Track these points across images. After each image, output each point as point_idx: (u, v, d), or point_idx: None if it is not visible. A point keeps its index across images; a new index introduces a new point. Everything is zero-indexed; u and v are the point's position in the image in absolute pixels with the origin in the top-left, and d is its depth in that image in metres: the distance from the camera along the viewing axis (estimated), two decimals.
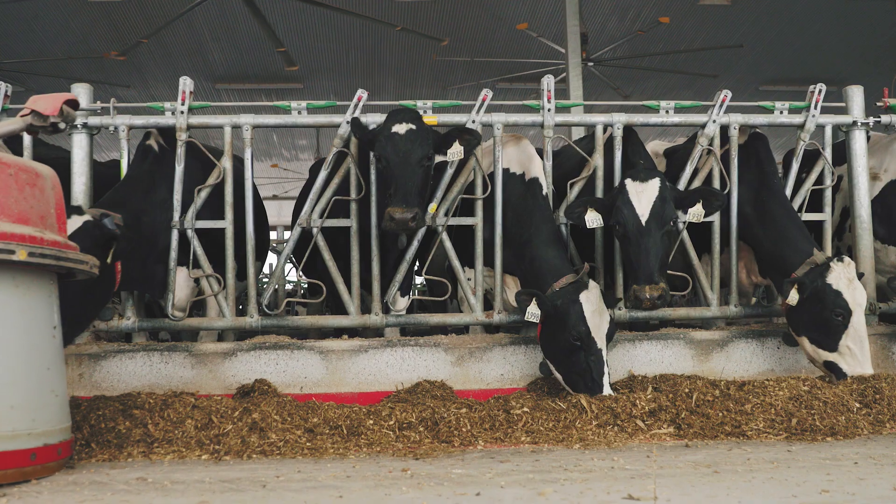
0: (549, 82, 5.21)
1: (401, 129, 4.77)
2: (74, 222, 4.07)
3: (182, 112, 5.04)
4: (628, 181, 4.63)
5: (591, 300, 4.48)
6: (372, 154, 5.01)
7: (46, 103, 3.76)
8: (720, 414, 4.11)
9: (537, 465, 3.41)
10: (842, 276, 4.60)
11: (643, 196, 4.54)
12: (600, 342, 4.44)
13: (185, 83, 5.07)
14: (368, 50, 13.15)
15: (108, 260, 4.17)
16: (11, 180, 3.26)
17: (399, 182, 4.65)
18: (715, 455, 3.60)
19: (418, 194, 4.69)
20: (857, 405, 4.26)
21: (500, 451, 3.80)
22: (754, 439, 3.95)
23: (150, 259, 4.98)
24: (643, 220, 4.51)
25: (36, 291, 3.32)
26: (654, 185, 4.56)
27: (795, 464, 3.38)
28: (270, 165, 18.42)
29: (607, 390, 4.37)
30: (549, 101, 5.21)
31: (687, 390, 4.33)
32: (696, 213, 4.67)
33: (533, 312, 4.56)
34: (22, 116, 3.79)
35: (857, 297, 4.58)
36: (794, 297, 4.62)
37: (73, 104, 3.82)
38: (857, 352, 4.56)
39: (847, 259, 4.68)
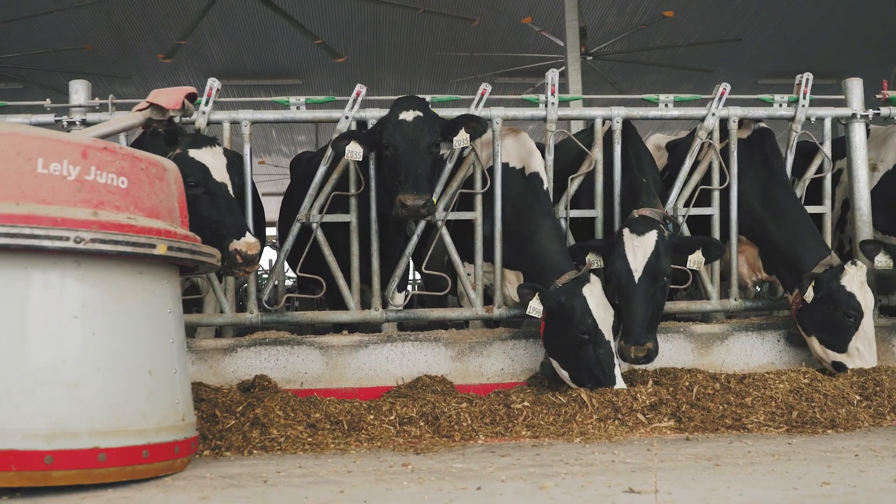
0: (553, 76, 5.20)
1: (408, 115, 4.78)
2: None
3: (204, 112, 5.03)
4: (626, 232, 4.56)
5: (594, 294, 4.47)
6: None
7: (169, 97, 3.74)
8: (721, 407, 4.12)
9: (538, 459, 3.41)
10: (855, 279, 4.66)
11: (639, 251, 4.49)
12: (608, 334, 4.43)
13: (214, 83, 5.07)
14: (367, 45, 13.13)
15: None
16: (143, 174, 3.25)
17: (409, 169, 4.65)
18: (716, 448, 3.60)
19: (428, 181, 4.70)
20: (858, 398, 4.27)
21: (501, 445, 3.80)
22: (755, 432, 3.96)
23: None
24: (636, 276, 4.47)
25: (177, 286, 3.41)
26: (651, 238, 4.49)
27: (796, 456, 3.38)
28: (258, 162, 18.41)
29: (620, 383, 4.35)
30: (552, 95, 5.19)
31: (687, 384, 4.33)
32: (695, 259, 4.63)
33: (535, 307, 4.53)
34: (140, 111, 3.76)
35: (867, 300, 4.66)
36: (810, 293, 4.66)
37: (192, 97, 3.82)
38: (865, 353, 4.62)
39: (860, 263, 4.74)
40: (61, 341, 2.99)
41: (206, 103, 5.04)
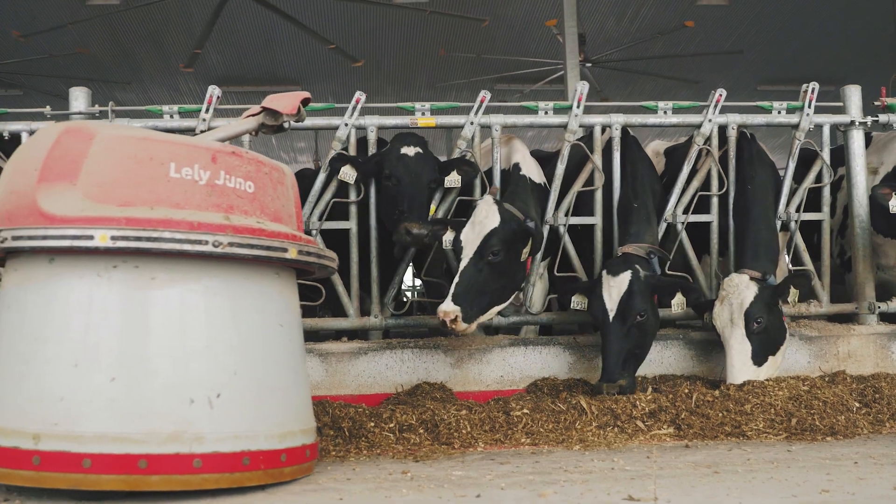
0: (582, 87, 5.21)
1: (410, 151, 4.92)
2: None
3: (204, 119, 5.04)
4: (604, 273, 4.63)
5: (477, 212, 4.54)
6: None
7: (285, 102, 3.73)
8: (720, 414, 4.11)
9: (537, 467, 3.41)
10: (720, 293, 4.67)
11: (613, 290, 4.54)
12: (465, 252, 4.46)
13: (214, 90, 5.09)
14: (366, 52, 13.15)
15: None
16: (267, 179, 3.26)
17: (412, 199, 4.77)
18: (715, 455, 3.60)
19: (428, 212, 4.82)
20: (857, 405, 4.26)
21: (501, 452, 3.80)
22: (754, 439, 3.96)
23: None
24: (610, 315, 4.52)
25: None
26: (625, 279, 4.54)
27: (795, 464, 3.38)
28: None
29: (444, 304, 4.32)
30: (578, 107, 5.20)
31: (686, 391, 4.33)
32: (678, 302, 4.68)
33: (448, 239, 4.66)
34: (253, 116, 3.75)
35: (725, 314, 4.60)
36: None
37: (306, 102, 3.82)
38: (728, 367, 4.57)
39: (734, 278, 4.64)
40: (274, 348, 3.16)
41: (207, 110, 5.05)
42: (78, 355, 2.84)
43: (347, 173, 4.94)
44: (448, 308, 4.32)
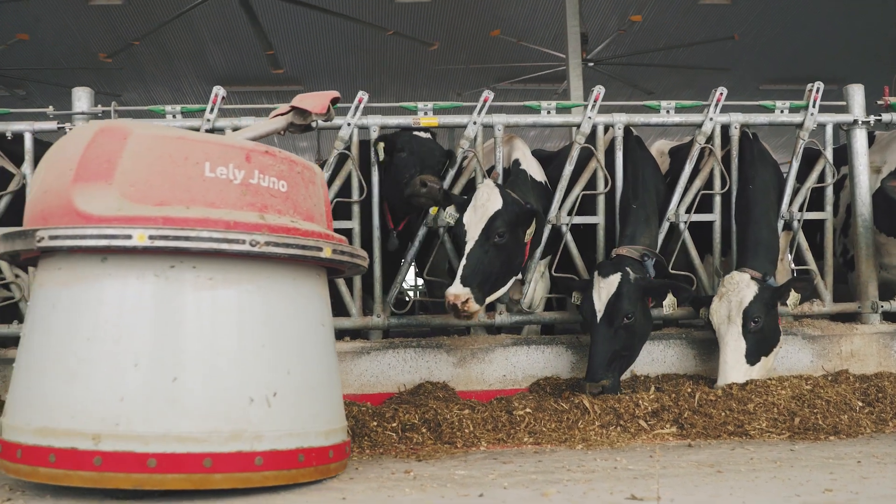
0: (599, 90, 5.23)
1: (420, 134, 5.11)
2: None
3: (209, 120, 5.05)
4: (595, 274, 4.68)
5: (478, 196, 4.56)
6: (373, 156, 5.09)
7: (315, 101, 3.73)
8: (723, 413, 4.11)
9: (540, 466, 3.42)
10: (720, 291, 4.67)
11: (603, 292, 4.58)
12: (469, 235, 4.47)
13: (219, 91, 5.11)
14: (369, 52, 13.16)
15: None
16: (299, 178, 3.25)
17: (424, 163, 4.89)
18: (718, 455, 3.60)
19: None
20: (860, 404, 4.26)
21: (503, 452, 3.81)
22: (757, 439, 3.96)
23: None
24: (598, 316, 4.56)
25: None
26: (614, 281, 4.56)
27: (798, 463, 3.38)
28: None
29: (453, 287, 4.33)
30: (592, 108, 5.21)
31: (689, 390, 4.33)
32: (669, 303, 4.70)
33: (451, 213, 4.70)
34: (282, 115, 3.75)
35: (721, 312, 4.62)
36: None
37: (335, 102, 3.82)
38: (721, 367, 4.58)
39: (734, 277, 4.65)
40: (318, 347, 3.22)
41: (211, 111, 5.06)
42: (138, 355, 2.82)
43: (381, 152, 5.09)
44: (458, 291, 4.32)
